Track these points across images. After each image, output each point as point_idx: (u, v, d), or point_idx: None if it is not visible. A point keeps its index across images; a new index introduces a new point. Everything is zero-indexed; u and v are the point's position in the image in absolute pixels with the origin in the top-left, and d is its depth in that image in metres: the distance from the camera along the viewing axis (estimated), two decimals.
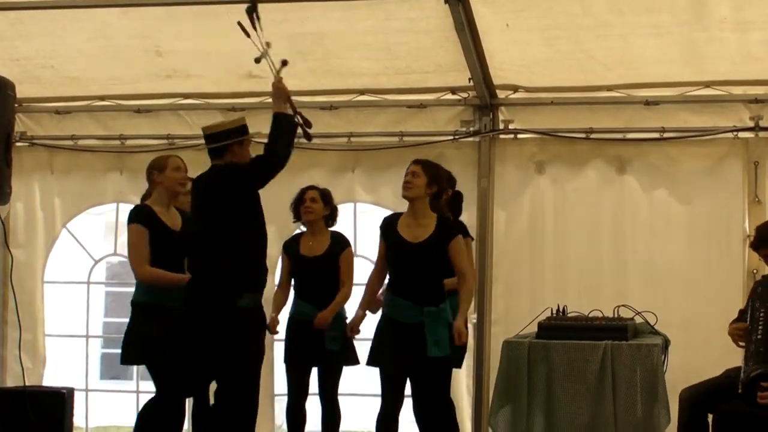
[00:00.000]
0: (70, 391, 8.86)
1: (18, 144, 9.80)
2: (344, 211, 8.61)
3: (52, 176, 9.95)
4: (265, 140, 9.05)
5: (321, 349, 7.87)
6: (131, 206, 9.40)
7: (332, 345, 7.87)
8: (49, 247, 9.96)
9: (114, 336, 12.53)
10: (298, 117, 6.95)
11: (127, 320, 7.41)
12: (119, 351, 7.44)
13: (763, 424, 6.48)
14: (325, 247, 8.06)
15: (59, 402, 8.68)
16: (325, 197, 8.12)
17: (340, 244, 8.13)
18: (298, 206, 8.11)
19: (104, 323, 12.98)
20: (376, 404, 7.52)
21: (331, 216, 8.19)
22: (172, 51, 9.15)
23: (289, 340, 8.07)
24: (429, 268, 7.28)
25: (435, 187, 7.35)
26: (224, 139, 6.94)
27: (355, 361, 8.02)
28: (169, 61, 9.24)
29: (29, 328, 9.61)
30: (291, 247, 8.16)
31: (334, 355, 7.92)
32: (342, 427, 8.13)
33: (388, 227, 7.48)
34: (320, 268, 8.02)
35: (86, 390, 9.68)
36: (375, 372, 7.47)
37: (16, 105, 9.71)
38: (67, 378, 9.92)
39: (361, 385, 9.08)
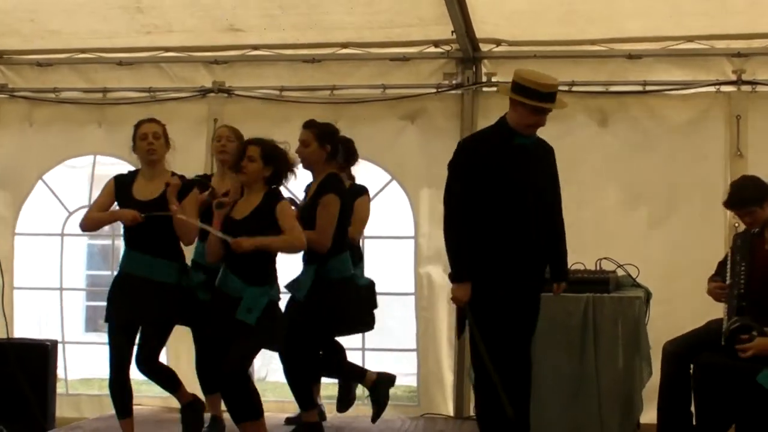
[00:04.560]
0: (54, 344, 8.86)
1: None
2: None
3: (31, 128, 9.83)
4: (248, 93, 9.13)
5: None
6: (109, 159, 9.43)
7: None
8: (22, 199, 9.86)
9: (96, 289, 12.57)
10: None
11: (108, 272, 7.38)
12: (103, 303, 7.43)
13: (742, 375, 6.54)
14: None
15: (43, 354, 8.67)
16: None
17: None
18: None
19: (87, 276, 12.98)
20: None
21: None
22: (152, 7, 9.06)
23: None
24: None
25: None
26: (513, 91, 6.59)
27: None
28: (150, 17, 9.16)
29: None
30: None
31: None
32: None
33: None
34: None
35: (63, 342, 9.65)
36: None
37: None
38: (49, 331, 9.92)
39: None
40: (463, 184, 6.52)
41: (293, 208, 7.30)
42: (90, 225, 7.40)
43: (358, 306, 7.77)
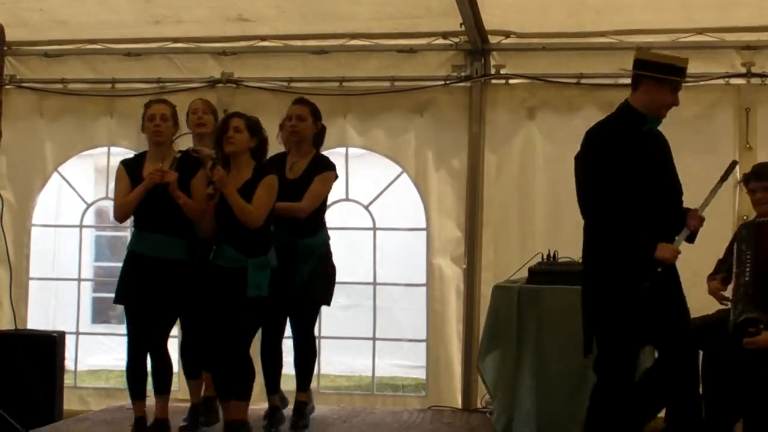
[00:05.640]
0: (61, 335, 8.87)
1: (7, 87, 9.78)
2: (336, 155, 8.57)
3: (42, 120, 9.84)
4: (257, 84, 9.14)
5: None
6: (122, 150, 9.42)
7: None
8: (38, 190, 9.88)
9: (104, 279, 12.57)
10: None
11: (116, 264, 7.41)
12: (111, 295, 7.49)
13: (752, 368, 6.54)
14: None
15: (50, 345, 8.68)
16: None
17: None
18: None
19: (94, 267, 12.98)
20: None
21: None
22: None
23: None
24: None
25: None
26: (640, 68, 6.23)
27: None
28: (158, 7, 9.16)
29: (18, 271, 9.59)
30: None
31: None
32: None
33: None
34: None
35: (77, 333, 9.68)
36: None
37: (5, 48, 9.74)
38: (58, 322, 9.93)
39: None
40: (601, 174, 6.17)
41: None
42: (123, 211, 7.44)
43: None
